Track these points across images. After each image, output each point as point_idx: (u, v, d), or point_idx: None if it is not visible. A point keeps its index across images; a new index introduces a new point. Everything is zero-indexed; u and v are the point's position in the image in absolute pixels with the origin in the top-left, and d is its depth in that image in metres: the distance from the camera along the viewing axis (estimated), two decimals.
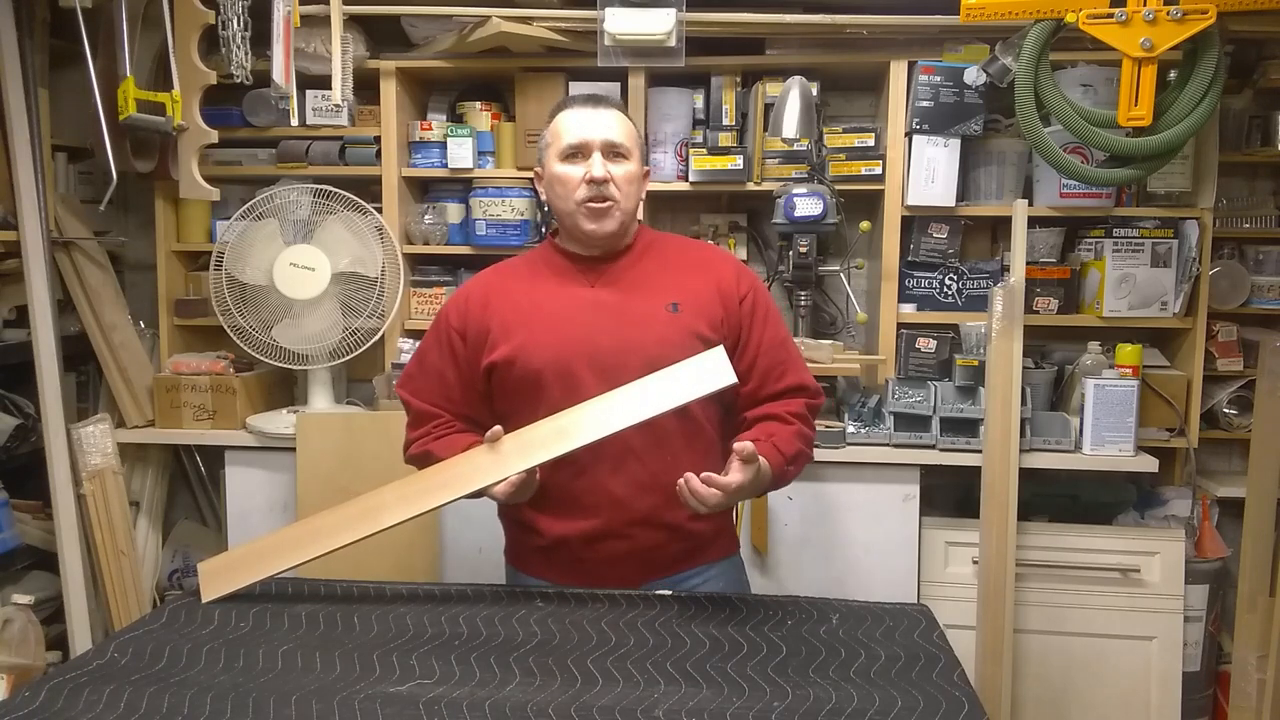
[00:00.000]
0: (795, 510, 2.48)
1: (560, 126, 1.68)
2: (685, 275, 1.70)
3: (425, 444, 1.71)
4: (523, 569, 1.77)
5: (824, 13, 2.46)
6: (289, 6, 2.37)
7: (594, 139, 1.64)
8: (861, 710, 1.22)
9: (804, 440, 1.65)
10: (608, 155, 1.65)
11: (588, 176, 1.63)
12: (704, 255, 1.78)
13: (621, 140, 1.66)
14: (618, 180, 1.65)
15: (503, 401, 1.70)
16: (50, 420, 2.53)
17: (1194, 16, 2.06)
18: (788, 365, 1.70)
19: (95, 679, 1.31)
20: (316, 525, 1.61)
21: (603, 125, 1.65)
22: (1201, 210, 2.53)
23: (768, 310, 1.72)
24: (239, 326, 2.58)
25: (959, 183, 2.55)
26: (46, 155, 2.58)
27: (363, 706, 1.22)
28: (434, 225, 2.75)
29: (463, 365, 1.71)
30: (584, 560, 1.67)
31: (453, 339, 1.71)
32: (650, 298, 1.67)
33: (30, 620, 2.42)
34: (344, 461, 2.49)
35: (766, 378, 1.68)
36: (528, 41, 2.55)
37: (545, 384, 1.62)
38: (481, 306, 1.70)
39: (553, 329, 1.65)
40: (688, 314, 1.65)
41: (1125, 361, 2.48)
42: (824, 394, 1.74)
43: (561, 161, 1.66)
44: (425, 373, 1.75)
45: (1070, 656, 2.45)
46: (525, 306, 1.68)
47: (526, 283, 1.72)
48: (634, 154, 1.68)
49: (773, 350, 1.69)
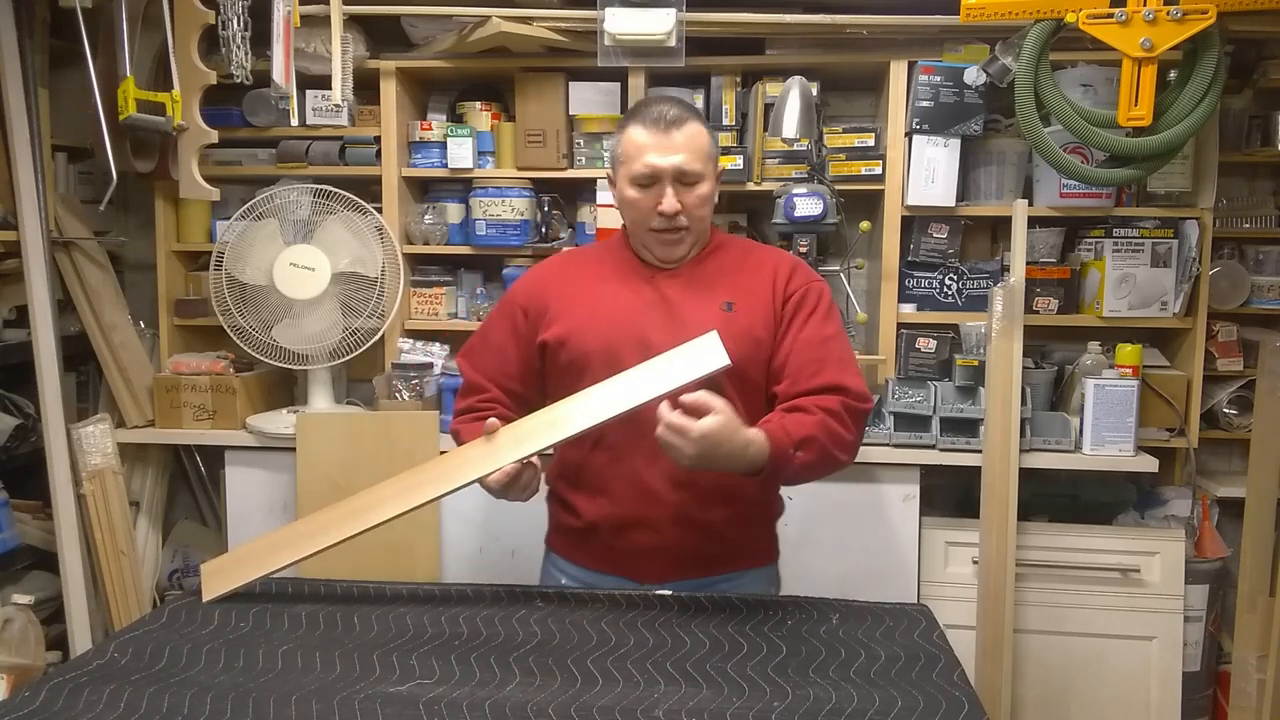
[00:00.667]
0: (795, 510, 2.45)
1: (632, 145, 1.64)
2: (744, 276, 1.70)
3: (464, 420, 1.72)
4: (557, 550, 1.78)
5: (824, 13, 2.46)
6: (289, 6, 2.37)
7: (665, 168, 1.61)
8: (861, 710, 1.22)
9: (825, 432, 1.54)
10: (680, 182, 1.62)
11: (659, 209, 1.62)
12: (766, 256, 1.76)
13: (694, 166, 1.62)
14: (688, 207, 1.63)
15: (552, 381, 1.71)
16: (50, 420, 2.53)
17: (1194, 16, 2.06)
18: (825, 363, 1.61)
19: (95, 679, 1.31)
20: (315, 522, 1.62)
21: (675, 151, 1.61)
22: (1201, 210, 2.53)
23: (815, 308, 1.67)
24: (239, 326, 2.58)
25: (959, 183, 2.55)
26: (46, 155, 2.58)
27: (363, 706, 1.22)
28: (434, 225, 2.75)
29: (523, 340, 1.72)
30: (613, 549, 1.67)
31: (516, 314, 1.73)
32: (707, 297, 1.67)
33: (30, 620, 2.42)
34: (344, 461, 2.49)
35: (799, 374, 1.61)
36: (528, 41, 2.55)
37: (592, 369, 1.62)
38: (545, 286, 1.73)
39: (607, 317, 1.66)
40: (742, 314, 1.64)
41: (1125, 361, 2.48)
42: (872, 400, 1.64)
43: (632, 186, 1.65)
44: (487, 346, 1.77)
45: (1070, 656, 2.45)
46: (585, 292, 1.70)
47: (593, 270, 1.74)
48: (708, 172, 1.65)
49: (809, 347, 1.63)
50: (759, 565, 1.77)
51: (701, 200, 1.65)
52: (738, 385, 1.60)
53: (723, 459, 1.44)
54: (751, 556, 1.75)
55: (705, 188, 1.65)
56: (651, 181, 1.63)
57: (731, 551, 1.71)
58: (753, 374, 1.65)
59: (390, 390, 2.64)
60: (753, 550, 1.76)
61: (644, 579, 1.66)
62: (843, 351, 1.66)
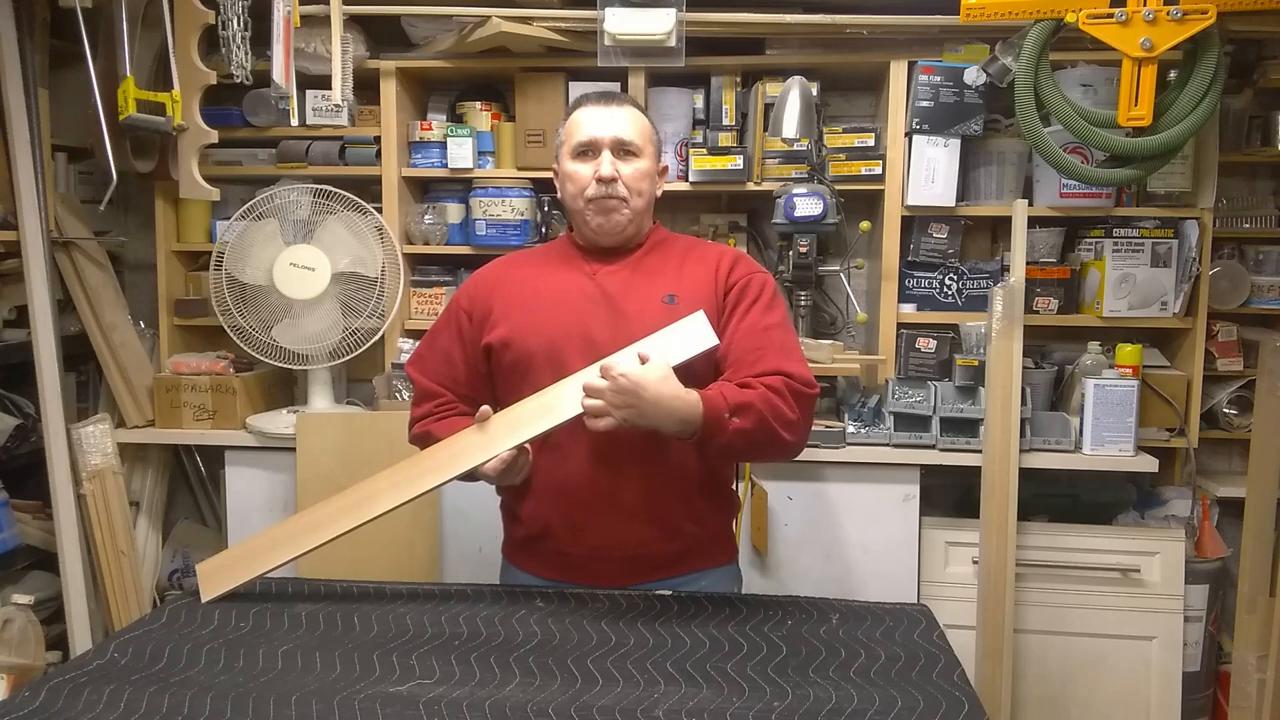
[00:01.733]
0: (795, 510, 2.48)
1: (573, 124, 1.70)
2: (686, 269, 1.70)
3: (427, 425, 1.72)
4: (514, 562, 1.77)
5: (824, 13, 2.46)
6: (289, 6, 2.37)
7: (604, 137, 1.66)
8: (861, 710, 1.22)
9: (765, 403, 1.52)
10: (617, 153, 1.66)
11: (596, 175, 1.65)
12: (708, 251, 1.77)
13: (632, 138, 1.67)
14: (626, 179, 1.66)
15: (499, 383, 1.72)
16: (50, 420, 2.53)
17: (1194, 16, 2.06)
18: (767, 350, 1.60)
19: (95, 679, 1.31)
20: (311, 518, 1.61)
21: (614, 123, 1.67)
22: (1201, 210, 2.53)
23: (757, 298, 1.66)
24: (239, 326, 2.58)
25: (959, 183, 2.55)
26: (46, 155, 2.58)
27: (363, 706, 1.22)
28: (434, 225, 2.75)
29: (468, 345, 1.73)
30: (570, 555, 1.66)
31: (461, 319, 1.74)
32: (648, 291, 1.67)
33: (30, 620, 2.42)
34: (344, 461, 2.49)
35: (742, 361, 1.60)
36: (528, 41, 2.55)
37: (536, 368, 1.64)
38: (489, 289, 1.74)
39: (548, 315, 1.66)
40: (684, 306, 1.64)
41: (1125, 361, 2.48)
42: (817, 386, 1.62)
43: (573, 159, 1.69)
44: (434, 352, 1.77)
45: (1070, 656, 2.45)
46: (528, 292, 1.71)
47: (535, 270, 1.75)
48: (646, 151, 1.69)
49: (752, 335, 1.62)
50: (718, 565, 1.75)
51: (640, 175, 1.67)
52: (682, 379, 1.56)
53: (651, 408, 1.44)
54: (710, 556, 1.73)
55: (644, 164, 1.68)
56: (591, 151, 1.66)
57: (694, 550, 1.70)
58: (696, 367, 1.61)
59: (390, 390, 2.64)
60: (711, 550, 1.74)
61: (601, 583, 1.64)
62: (785, 339, 1.65)
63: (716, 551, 1.75)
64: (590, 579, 1.65)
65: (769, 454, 1.63)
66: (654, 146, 1.73)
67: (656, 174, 1.73)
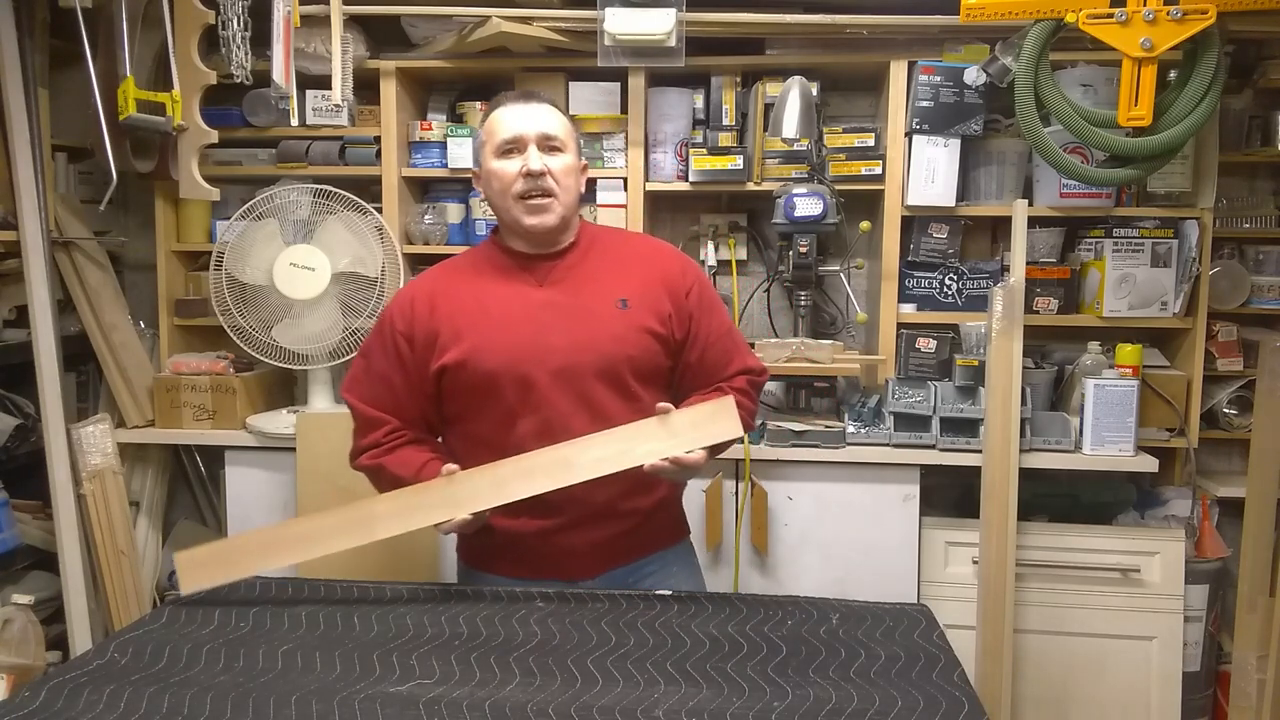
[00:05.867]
0: (795, 510, 2.48)
1: (494, 124, 1.69)
2: (631, 269, 1.72)
3: (377, 456, 1.71)
4: (475, 565, 1.79)
5: (824, 13, 2.46)
6: (289, 6, 2.37)
7: (528, 133, 1.65)
8: (861, 710, 1.22)
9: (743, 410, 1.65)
10: (543, 148, 1.66)
11: (524, 170, 1.64)
12: (648, 248, 1.80)
13: (556, 133, 1.67)
14: (555, 173, 1.66)
15: (454, 403, 1.70)
16: (50, 420, 2.53)
17: (1194, 16, 2.06)
18: (734, 352, 1.76)
19: (95, 679, 1.31)
20: (306, 528, 1.62)
21: (537, 119, 1.66)
22: (1201, 210, 2.53)
23: (712, 301, 1.77)
24: (239, 326, 2.58)
25: (959, 183, 2.55)
26: (46, 155, 2.58)
27: (363, 706, 1.22)
28: (434, 225, 2.75)
29: (410, 369, 1.69)
30: (538, 552, 1.68)
31: (399, 342, 1.69)
32: (598, 295, 1.68)
33: (30, 620, 2.42)
34: (344, 462, 2.47)
35: (716, 366, 1.75)
36: (528, 41, 2.55)
37: (499, 386, 1.63)
38: (428, 309, 1.69)
39: (504, 331, 1.65)
40: (636, 309, 1.67)
41: (1125, 361, 2.48)
42: (767, 372, 1.84)
43: (498, 157, 1.67)
44: (371, 378, 1.73)
45: (1070, 656, 2.45)
46: (474, 309, 1.68)
47: (473, 283, 1.71)
48: (570, 146, 1.69)
49: (720, 340, 1.75)
50: (677, 542, 1.83)
51: (566, 170, 1.67)
52: (639, 377, 1.68)
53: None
54: (671, 535, 1.82)
55: (570, 159, 1.69)
56: (515, 149, 1.66)
57: (656, 533, 1.76)
58: (651, 365, 1.69)
59: None
60: (672, 529, 1.82)
61: (573, 576, 1.68)
62: (739, 334, 1.82)
63: (677, 530, 1.84)
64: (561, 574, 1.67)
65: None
66: (576, 144, 1.72)
67: (580, 170, 1.74)
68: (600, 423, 1.60)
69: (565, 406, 1.63)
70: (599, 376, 1.64)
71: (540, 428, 1.62)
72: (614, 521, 1.68)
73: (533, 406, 1.63)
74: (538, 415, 1.63)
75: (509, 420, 1.64)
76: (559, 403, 1.63)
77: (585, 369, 1.63)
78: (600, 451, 1.56)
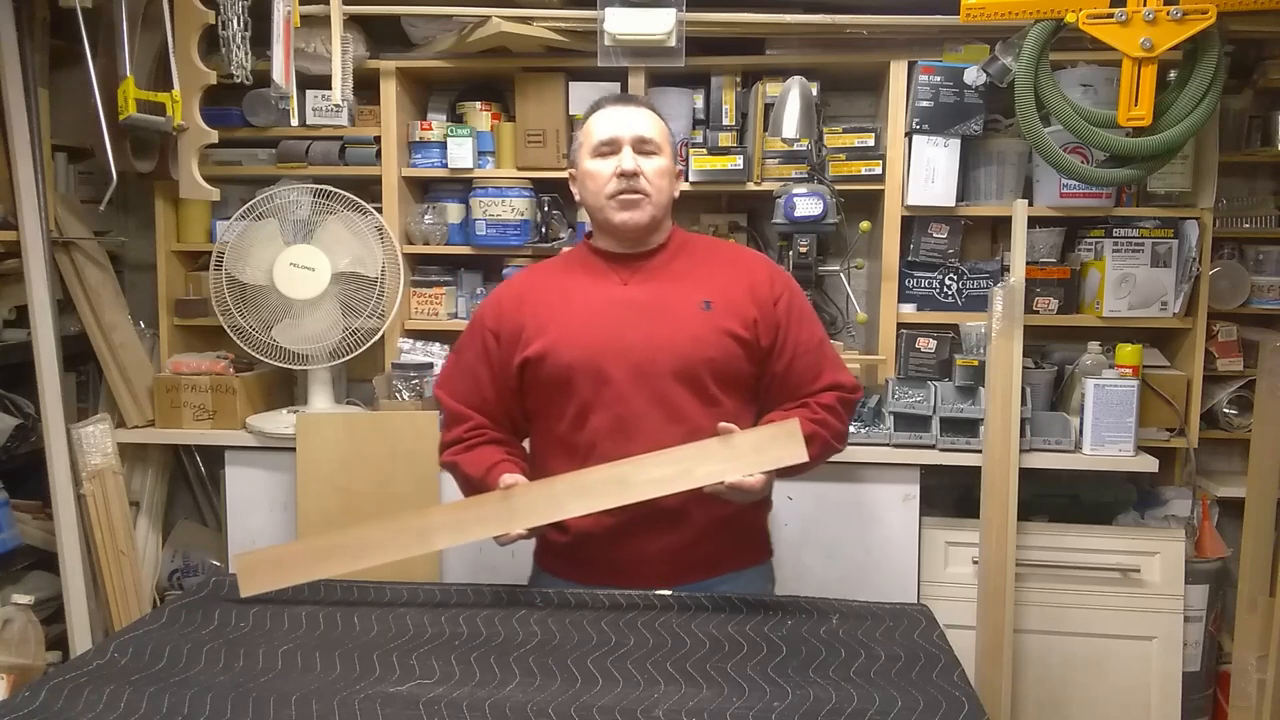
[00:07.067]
0: (795, 510, 2.48)
1: (592, 126, 1.72)
2: (717, 273, 1.71)
3: (457, 452, 1.73)
4: (547, 569, 1.77)
5: (824, 13, 2.46)
6: (289, 6, 2.37)
7: (624, 134, 1.67)
8: (861, 710, 1.22)
9: (826, 428, 1.66)
10: (638, 150, 1.67)
11: (618, 170, 1.66)
12: (736, 254, 1.81)
13: (652, 136, 1.68)
14: (648, 174, 1.67)
15: (534, 398, 1.71)
16: (50, 420, 2.53)
17: (1194, 16, 2.06)
18: (824, 365, 1.73)
19: (95, 679, 1.31)
20: (361, 537, 1.62)
21: (633, 122, 1.68)
22: (1201, 210, 2.53)
23: (803, 312, 1.74)
24: (239, 326, 2.58)
25: (959, 183, 2.55)
26: (46, 155, 2.58)
27: (363, 706, 1.22)
28: (434, 225, 2.75)
29: (496, 365, 1.72)
30: (610, 560, 1.66)
31: (487, 339, 1.73)
32: (682, 295, 1.68)
33: (30, 620, 2.42)
34: (344, 461, 2.49)
35: (804, 379, 1.71)
36: (528, 41, 2.55)
37: (575, 380, 1.64)
38: (516, 305, 1.73)
39: (583, 325, 1.66)
40: (720, 312, 1.66)
41: (1125, 361, 2.48)
42: (861, 389, 1.78)
43: (593, 158, 1.69)
44: (460, 373, 1.77)
45: (1070, 656, 2.45)
46: (557, 303, 1.70)
47: (561, 281, 1.74)
48: (664, 150, 1.71)
49: (810, 352, 1.72)
50: (754, 564, 1.78)
51: (660, 172, 1.68)
52: (720, 381, 1.66)
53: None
54: (747, 556, 1.77)
55: (664, 162, 1.70)
56: (611, 150, 1.67)
57: (727, 551, 1.71)
58: (733, 370, 1.67)
59: (390, 390, 2.64)
60: (749, 549, 1.77)
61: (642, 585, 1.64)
62: (831, 349, 1.78)
63: (754, 550, 1.79)
64: (630, 582, 1.64)
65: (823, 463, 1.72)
66: (671, 148, 1.74)
67: (674, 174, 1.74)
68: (676, 424, 1.60)
69: (639, 405, 1.62)
70: (676, 376, 1.63)
71: (613, 424, 1.62)
72: (685, 528, 1.64)
73: (606, 402, 1.63)
74: (611, 411, 1.63)
75: (582, 416, 1.64)
76: (633, 400, 1.62)
77: (662, 367, 1.62)
78: (659, 472, 1.53)
